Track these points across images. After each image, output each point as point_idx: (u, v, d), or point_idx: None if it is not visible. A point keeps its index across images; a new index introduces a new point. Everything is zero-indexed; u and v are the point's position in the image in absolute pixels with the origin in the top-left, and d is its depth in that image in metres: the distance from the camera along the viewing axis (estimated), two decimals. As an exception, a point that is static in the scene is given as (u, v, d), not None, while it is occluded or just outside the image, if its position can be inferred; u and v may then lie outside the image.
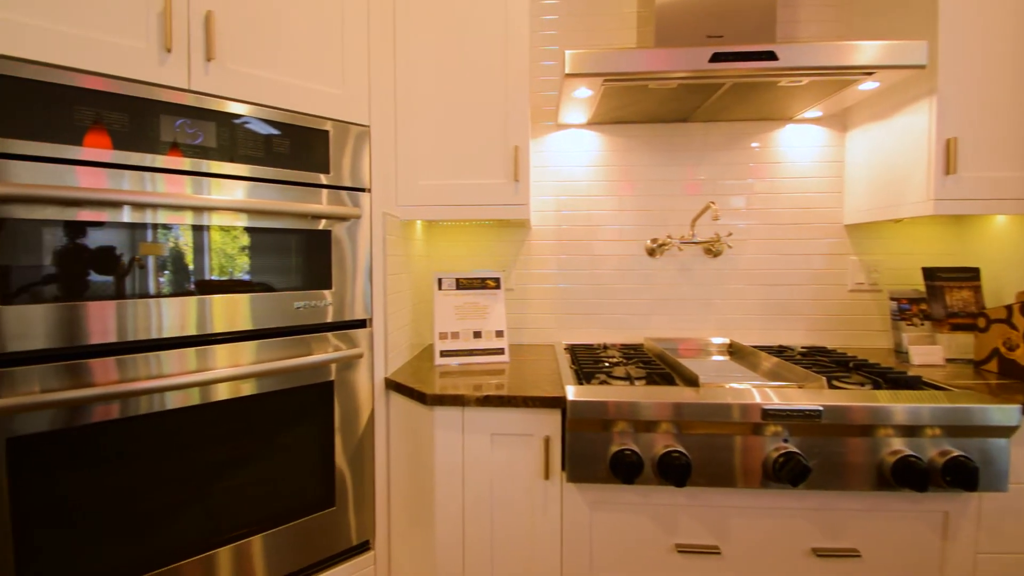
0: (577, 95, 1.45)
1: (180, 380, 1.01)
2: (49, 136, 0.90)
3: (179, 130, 1.03)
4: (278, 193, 1.15)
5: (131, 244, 0.98)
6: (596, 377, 1.28)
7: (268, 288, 1.15)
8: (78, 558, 0.94)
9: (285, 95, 1.16)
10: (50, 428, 0.90)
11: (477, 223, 1.78)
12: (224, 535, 1.10)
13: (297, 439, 1.20)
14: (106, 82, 0.95)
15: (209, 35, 1.05)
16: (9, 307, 0.86)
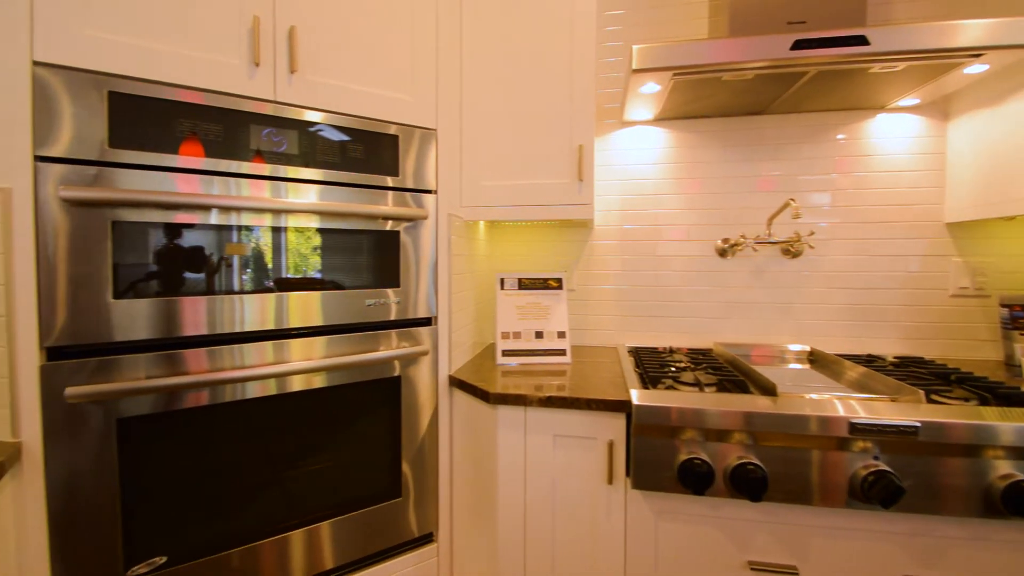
0: (644, 91, 1.41)
1: (259, 371, 1.08)
2: (152, 146, 0.99)
3: (265, 138, 1.10)
4: (351, 196, 1.21)
5: (219, 244, 1.06)
6: (662, 382, 1.23)
7: (341, 286, 1.20)
8: (172, 530, 1.02)
9: (359, 102, 1.22)
10: (151, 411, 1.00)
11: (539, 223, 1.77)
12: (297, 519, 1.17)
13: (366, 431, 1.25)
14: (202, 96, 1.04)
15: (292, 49, 1.12)
16: (119, 301, 0.96)
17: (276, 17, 1.11)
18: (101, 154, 0.94)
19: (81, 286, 0.93)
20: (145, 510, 0.99)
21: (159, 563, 1.00)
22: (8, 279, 0.88)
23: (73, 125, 0.92)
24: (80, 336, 0.93)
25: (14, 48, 0.88)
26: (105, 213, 0.94)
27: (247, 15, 1.07)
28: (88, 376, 0.93)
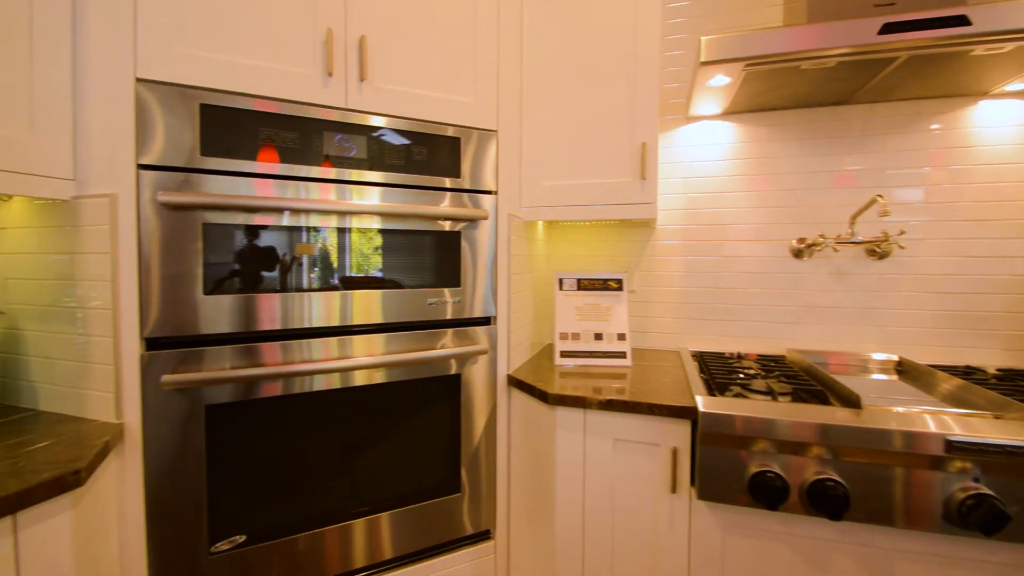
0: (712, 84, 1.35)
1: (326, 365, 1.13)
2: (236, 153, 1.06)
3: (336, 144, 1.15)
4: (414, 198, 1.24)
5: (292, 245, 1.12)
6: (730, 389, 1.18)
7: (403, 285, 1.24)
8: (250, 511, 1.09)
9: (422, 106, 1.25)
10: (232, 399, 1.07)
11: (598, 223, 1.74)
12: (359, 508, 1.21)
13: (425, 427, 1.28)
14: (280, 105, 1.10)
15: (362, 58, 1.16)
16: (208, 297, 1.04)
17: (348, 28, 1.15)
18: (192, 161, 1.02)
19: (175, 283, 1.01)
20: (227, 491, 1.07)
21: (239, 541, 1.08)
22: (114, 276, 0.97)
23: (169, 135, 1.01)
24: (173, 328, 1.01)
25: (120, 68, 0.97)
26: (196, 216, 1.02)
27: (321, 28, 1.13)
28: (180, 365, 1.02)
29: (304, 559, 1.15)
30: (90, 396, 1.00)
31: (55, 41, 0.97)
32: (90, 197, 0.99)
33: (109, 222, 0.97)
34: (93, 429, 0.94)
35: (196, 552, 1.03)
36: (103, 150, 0.99)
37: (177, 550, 1.02)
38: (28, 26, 0.93)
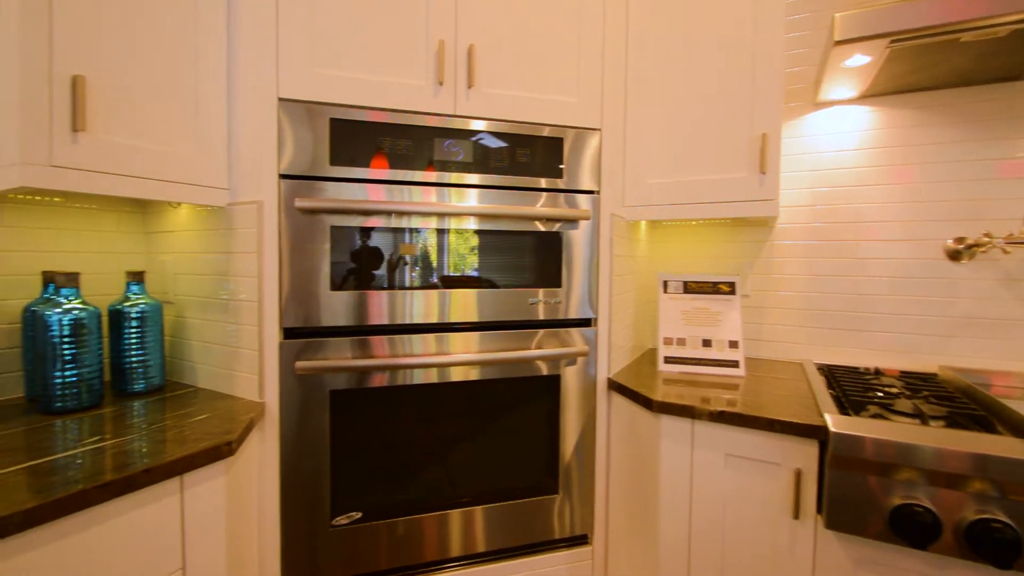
0: (849, 64, 1.21)
1: (436, 360, 1.18)
2: (359, 161, 1.15)
3: (446, 149, 1.21)
4: (517, 199, 1.26)
5: (406, 245, 1.19)
6: (867, 408, 1.04)
7: (505, 285, 1.26)
8: (364, 491, 1.18)
9: (527, 109, 1.26)
10: (350, 387, 1.16)
11: (706, 222, 1.64)
12: (457, 499, 1.25)
13: (523, 426, 1.29)
14: (396, 115, 1.18)
15: (471, 65, 1.21)
16: (333, 293, 1.14)
17: (458, 39, 1.20)
18: (323, 170, 1.13)
19: (307, 279, 1.12)
20: (346, 471, 1.16)
21: (356, 517, 1.17)
22: (259, 272, 1.11)
23: (304, 147, 1.12)
24: (305, 320, 1.12)
25: (265, 90, 1.10)
26: (325, 219, 1.13)
27: (434, 40, 1.19)
28: (310, 353, 1.13)
29: (406, 542, 1.21)
30: (238, 377, 1.14)
31: (214, 71, 1.12)
32: (241, 204, 1.14)
33: (256, 226, 1.10)
34: (240, 406, 1.07)
35: (319, 523, 1.14)
36: (251, 163, 1.13)
37: (304, 519, 1.13)
38: (194, 60, 1.09)
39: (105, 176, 0.94)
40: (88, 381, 1.04)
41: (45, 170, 0.86)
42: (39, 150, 0.86)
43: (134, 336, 1.15)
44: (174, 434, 0.91)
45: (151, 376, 1.18)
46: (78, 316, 1.03)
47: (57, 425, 0.95)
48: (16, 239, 1.14)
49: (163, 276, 1.34)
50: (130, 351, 1.15)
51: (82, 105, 0.89)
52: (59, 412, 1.01)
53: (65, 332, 1.01)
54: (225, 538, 0.91)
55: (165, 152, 1.03)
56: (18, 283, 1.14)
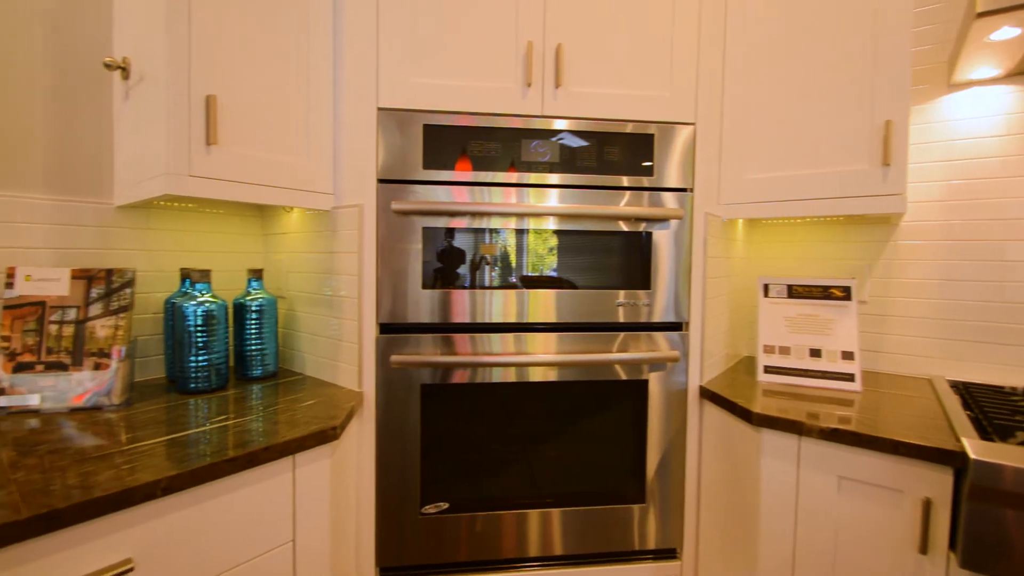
0: (994, 38, 1.05)
1: (525, 359, 1.19)
2: (449, 164, 1.19)
3: (533, 150, 1.21)
4: (605, 198, 1.23)
5: (487, 245, 1.21)
6: (1015, 435, 0.89)
7: (589, 286, 1.24)
8: (450, 483, 1.21)
9: (616, 106, 1.23)
10: (438, 381, 1.20)
11: (813, 220, 1.50)
12: (537, 499, 1.25)
13: (608, 430, 1.26)
14: (485, 119, 1.20)
15: (558, 65, 1.20)
16: (424, 291, 1.19)
17: (546, 39, 1.21)
18: (417, 174, 1.18)
19: (400, 278, 1.18)
20: (435, 462, 1.21)
21: (443, 507, 1.21)
22: (359, 271, 1.18)
23: (400, 153, 1.18)
24: (398, 316, 1.18)
25: (366, 101, 1.18)
26: (417, 221, 1.18)
27: (522, 43, 1.20)
28: (403, 348, 1.18)
29: (487, 536, 1.23)
30: (340, 367, 1.23)
31: (323, 87, 1.21)
32: (344, 208, 1.22)
33: (357, 227, 1.18)
34: (342, 395, 1.15)
35: (410, 509, 1.19)
36: (353, 169, 1.21)
37: (396, 504, 1.19)
38: (306, 78, 1.18)
39: (232, 184, 1.05)
40: (216, 366, 1.18)
41: (185, 179, 0.98)
42: (180, 162, 0.98)
43: (253, 327, 1.28)
44: (286, 417, 0.99)
45: (267, 363, 1.30)
46: (209, 308, 1.16)
47: (191, 404, 1.07)
48: (160, 240, 1.31)
49: (277, 273, 1.47)
50: (250, 340, 1.28)
51: (214, 121, 1.01)
52: (193, 392, 1.15)
53: (199, 322, 1.15)
54: (329, 515, 0.98)
55: (281, 162, 1.13)
56: (162, 278, 1.32)
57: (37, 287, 1.06)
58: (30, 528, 0.61)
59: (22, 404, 1.00)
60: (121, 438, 0.87)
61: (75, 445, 0.83)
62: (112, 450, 0.81)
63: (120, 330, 1.08)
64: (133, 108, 1.11)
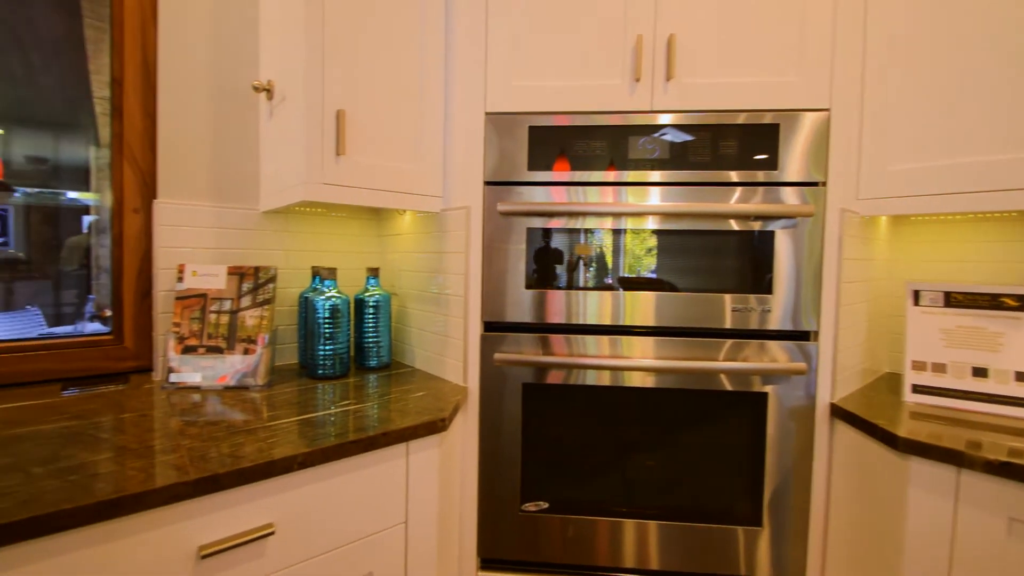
0: None
1: (631, 363, 1.15)
2: (554, 165, 1.19)
3: (641, 147, 1.17)
4: (719, 195, 1.15)
5: (604, 247, 1.18)
6: None
7: (698, 289, 1.16)
8: (550, 482, 1.21)
9: (734, 96, 1.15)
10: (540, 381, 1.21)
11: (977, 216, 1.28)
12: (637, 509, 1.20)
13: (719, 443, 1.18)
14: (588, 117, 1.18)
15: (670, 57, 1.14)
16: (527, 291, 1.20)
17: (657, 31, 1.15)
18: (522, 175, 1.20)
19: (504, 277, 1.20)
20: (536, 461, 1.21)
21: (543, 507, 1.21)
22: (466, 270, 1.22)
23: (506, 155, 1.20)
24: (502, 315, 1.21)
25: (474, 107, 1.21)
26: (522, 221, 1.19)
27: (631, 37, 1.16)
28: (506, 346, 1.21)
29: (583, 540, 1.21)
30: (447, 363, 1.29)
31: (435, 97, 1.27)
32: (452, 210, 1.27)
33: (464, 228, 1.22)
34: (448, 388, 1.20)
35: (510, 504, 1.21)
36: (461, 172, 1.25)
37: (497, 498, 1.22)
38: (420, 89, 1.25)
39: (357, 190, 1.14)
40: (340, 355, 1.29)
41: (319, 187, 1.09)
42: (315, 171, 1.08)
43: (371, 321, 1.38)
44: (399, 406, 1.06)
45: (382, 355, 1.40)
46: (335, 303, 1.28)
47: (319, 388, 1.19)
48: (295, 241, 1.47)
49: (391, 272, 1.58)
50: (368, 333, 1.39)
51: (343, 133, 1.10)
52: (320, 378, 1.27)
53: (326, 315, 1.27)
54: (437, 502, 1.02)
55: (397, 168, 1.21)
56: (297, 275, 1.47)
57: (200, 281, 1.24)
58: (197, 488, 0.71)
59: (188, 381, 1.17)
60: (263, 414, 0.99)
61: (227, 419, 0.96)
62: (256, 425, 0.93)
63: (264, 320, 1.22)
64: (276, 125, 1.26)
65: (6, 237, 5.18)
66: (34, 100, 4.95)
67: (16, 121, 5.09)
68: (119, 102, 1.24)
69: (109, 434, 0.86)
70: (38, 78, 4.58)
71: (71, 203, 4.98)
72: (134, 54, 1.23)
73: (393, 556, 0.95)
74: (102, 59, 1.23)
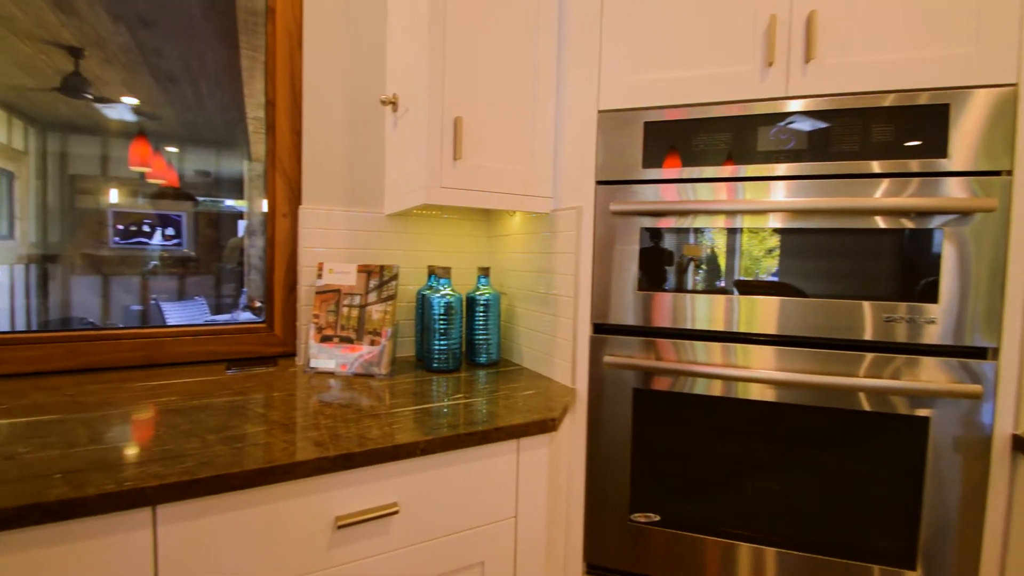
0: None
1: (755, 374, 1.06)
2: (669, 162, 1.13)
3: (773, 137, 1.07)
4: (862, 189, 1.02)
5: (730, 246, 1.11)
6: None
7: (841, 295, 1.04)
8: (662, 494, 1.16)
9: (889, 73, 1.01)
10: (652, 387, 1.16)
11: None
12: (750, 532, 1.10)
13: (862, 471, 1.04)
14: (710, 109, 1.11)
15: (809, 37, 1.04)
16: (640, 293, 1.16)
17: (793, 9, 1.05)
18: (636, 173, 1.16)
19: (615, 279, 1.17)
20: (646, 471, 1.17)
21: (654, 519, 1.16)
22: (576, 271, 1.21)
23: (618, 153, 1.17)
24: (612, 317, 1.18)
25: (587, 105, 1.20)
26: (635, 222, 1.16)
27: (762, 18, 1.07)
28: (616, 349, 1.18)
29: (692, 560, 1.13)
30: (554, 363, 1.29)
31: (547, 99, 1.28)
32: (563, 210, 1.27)
33: (575, 229, 1.22)
34: (557, 389, 1.20)
35: (618, 512, 1.18)
36: (572, 172, 1.25)
37: (604, 504, 1.19)
38: (533, 93, 1.27)
39: (471, 192, 1.19)
40: (453, 350, 1.35)
41: (438, 190, 1.15)
42: (435, 175, 1.15)
43: (481, 319, 1.43)
44: (509, 403, 1.08)
45: (491, 352, 1.45)
46: (449, 300, 1.35)
47: (434, 380, 1.25)
48: (414, 242, 1.57)
49: (499, 271, 1.62)
50: (478, 330, 1.44)
51: (460, 139, 1.16)
52: (435, 371, 1.34)
53: (441, 312, 1.33)
54: (545, 501, 1.03)
55: (509, 170, 1.24)
56: (415, 274, 1.57)
57: (336, 278, 1.37)
58: (335, 463, 0.78)
59: (324, 367, 1.31)
60: (386, 401, 1.07)
61: (356, 403, 1.05)
62: (381, 411, 1.00)
63: (388, 315, 1.32)
64: (399, 135, 1.36)
65: (180, 239, 6.23)
66: (202, 123, 5.87)
67: (188, 141, 6.12)
68: (272, 120, 1.42)
69: (263, 409, 0.99)
70: (205, 104, 5.41)
71: (228, 209, 5.89)
72: (284, 78, 1.40)
73: (503, 549, 0.98)
74: (254, 85, 1.43)
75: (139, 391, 1.09)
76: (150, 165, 4.40)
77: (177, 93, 4.21)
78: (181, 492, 0.68)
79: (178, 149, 5.55)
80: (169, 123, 4.88)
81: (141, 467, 0.71)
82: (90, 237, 5.09)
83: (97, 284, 5.11)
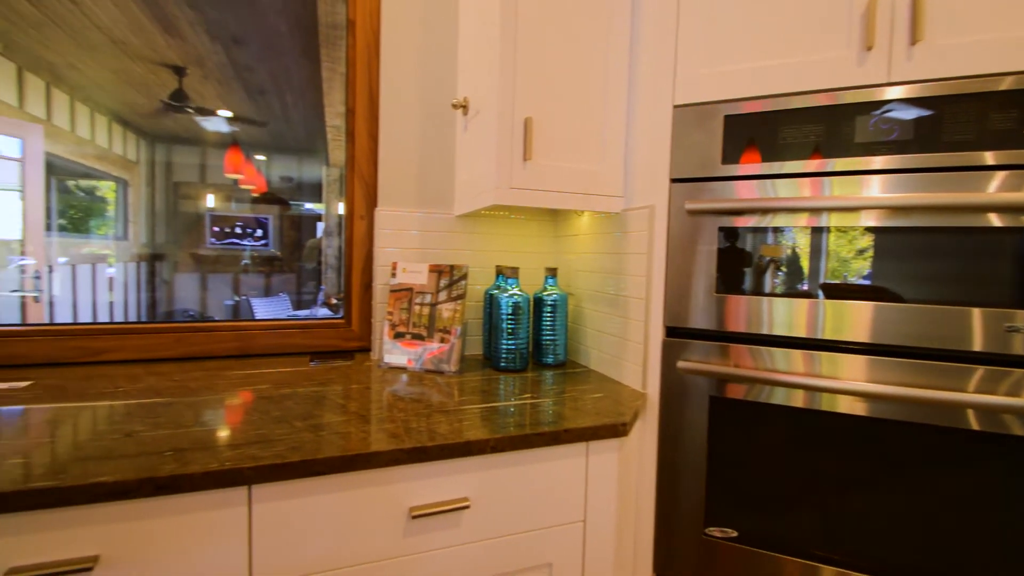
0: None
1: (848, 386, 0.98)
2: (752, 158, 1.07)
3: (873, 128, 0.99)
4: (988, 183, 0.91)
5: (818, 247, 1.03)
6: None
7: (945, 300, 0.93)
8: (740, 509, 1.10)
9: (1007, 54, 0.89)
10: (730, 396, 1.10)
11: None
12: (836, 555, 1.01)
13: (973, 496, 0.93)
14: (799, 99, 1.03)
15: (916, 15, 0.94)
16: (717, 295, 1.10)
17: (897, -14, 0.96)
18: (714, 170, 1.11)
19: (691, 280, 1.13)
20: (723, 483, 1.11)
21: (731, 535, 1.10)
22: (648, 272, 1.18)
23: (696, 150, 1.12)
24: (687, 320, 1.13)
25: (661, 101, 1.16)
26: (712, 221, 1.10)
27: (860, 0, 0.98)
28: (690, 354, 1.13)
29: (787, 586, 1.06)
30: (624, 366, 1.26)
31: (617, 96, 1.26)
32: (634, 209, 1.24)
33: (647, 228, 1.18)
34: (627, 393, 1.18)
35: (691, 525, 1.13)
36: (645, 170, 1.21)
37: (676, 515, 1.14)
38: (603, 91, 1.25)
39: (541, 192, 1.19)
40: (520, 350, 1.36)
41: (508, 191, 1.16)
42: (505, 176, 1.16)
43: (548, 319, 1.43)
44: (577, 404, 1.07)
45: (558, 353, 1.44)
46: (517, 300, 1.35)
47: (501, 379, 1.27)
48: (483, 242, 1.59)
49: (567, 272, 1.61)
50: (545, 331, 1.43)
51: (530, 140, 1.16)
52: (502, 370, 1.36)
53: (509, 311, 1.34)
54: (614, 507, 1.01)
55: (579, 169, 1.23)
56: (484, 274, 1.59)
57: (408, 277, 1.42)
58: (410, 455, 0.81)
59: (397, 362, 1.36)
60: (456, 397, 1.09)
61: (427, 398, 1.08)
62: (450, 407, 1.02)
63: (457, 313, 1.35)
64: (469, 137, 1.38)
65: (267, 240, 6.74)
66: (287, 132, 6.32)
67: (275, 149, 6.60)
68: (351, 127, 1.49)
69: (343, 400, 1.04)
70: (290, 114, 5.82)
71: (308, 212, 6.32)
72: (363, 87, 1.47)
73: (571, 552, 0.97)
74: (333, 95, 1.51)
75: (235, 379, 1.19)
76: (242, 172, 4.80)
77: (265, 105, 4.57)
78: (274, 474, 0.73)
79: (265, 157, 6.03)
80: (258, 133, 5.31)
81: (238, 449, 0.77)
82: (191, 238, 5.64)
83: (196, 280, 5.66)
